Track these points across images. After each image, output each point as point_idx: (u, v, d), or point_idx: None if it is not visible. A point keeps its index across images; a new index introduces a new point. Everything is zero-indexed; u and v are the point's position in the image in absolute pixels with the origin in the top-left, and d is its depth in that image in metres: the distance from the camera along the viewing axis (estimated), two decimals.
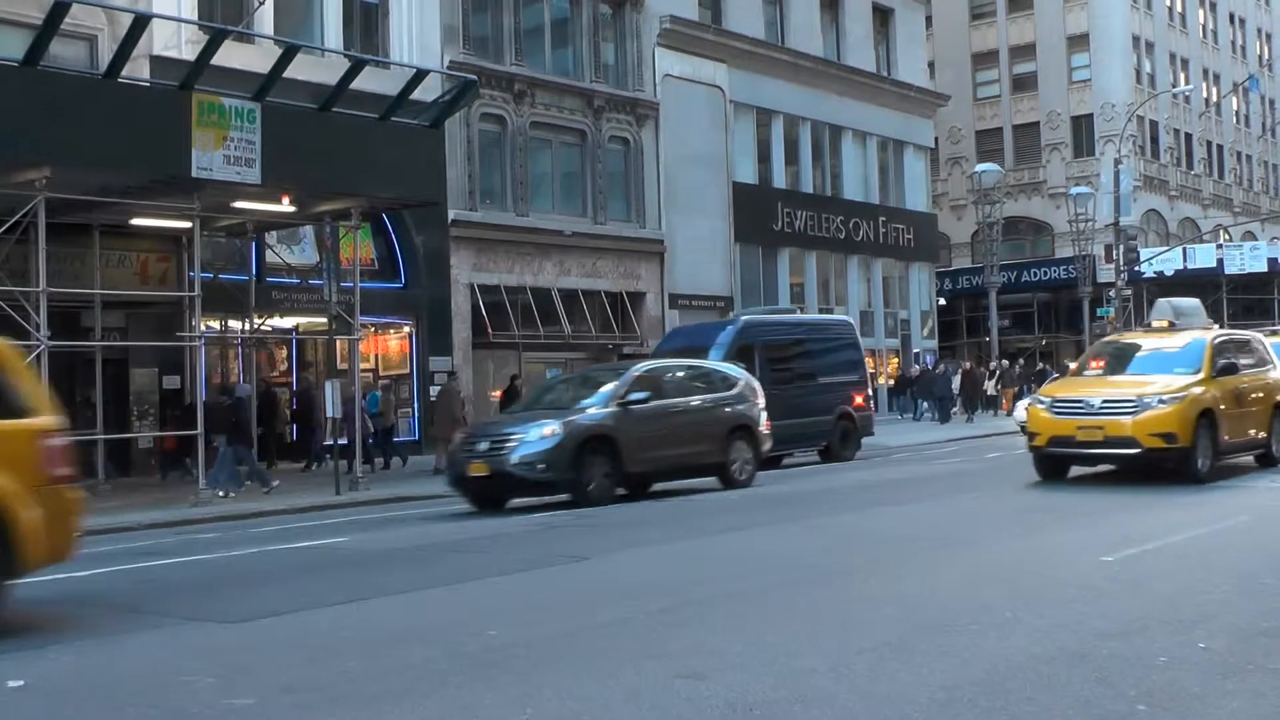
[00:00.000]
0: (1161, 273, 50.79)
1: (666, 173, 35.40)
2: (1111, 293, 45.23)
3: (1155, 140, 59.19)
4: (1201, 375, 15.94)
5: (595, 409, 16.96)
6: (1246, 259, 53.35)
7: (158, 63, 23.15)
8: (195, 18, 24.38)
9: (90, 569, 11.97)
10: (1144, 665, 6.15)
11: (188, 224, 21.08)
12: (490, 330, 30.41)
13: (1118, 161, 46.48)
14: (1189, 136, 61.91)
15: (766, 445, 19.35)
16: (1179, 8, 62.33)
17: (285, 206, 21.76)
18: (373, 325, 27.91)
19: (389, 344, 30.30)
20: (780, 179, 40.09)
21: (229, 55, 20.94)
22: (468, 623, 7.98)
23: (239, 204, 21.45)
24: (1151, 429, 15.21)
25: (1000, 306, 45.03)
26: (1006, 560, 9.98)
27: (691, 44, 36.47)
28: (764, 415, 19.27)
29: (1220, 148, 64.70)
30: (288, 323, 27.22)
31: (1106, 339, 22.30)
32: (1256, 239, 60.53)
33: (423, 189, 23.03)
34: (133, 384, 24.43)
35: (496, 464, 16.25)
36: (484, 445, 16.62)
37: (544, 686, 6.09)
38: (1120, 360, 17.64)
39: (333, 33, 27.69)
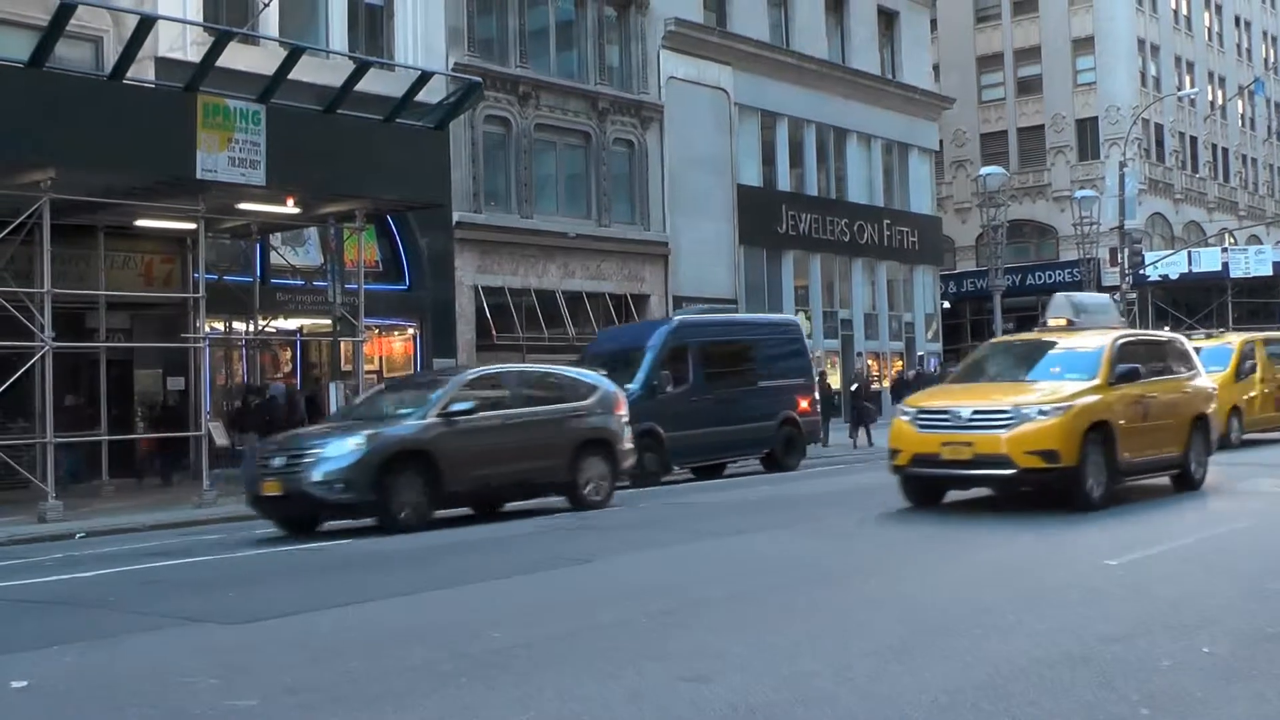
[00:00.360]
0: (1166, 276, 50.72)
1: (671, 175, 35.39)
2: (1116, 296, 45.12)
3: (1160, 143, 59.11)
4: (1096, 381, 13.64)
5: (413, 420, 14.98)
6: (1251, 262, 53.23)
7: (163, 64, 23.16)
8: (200, 19, 24.38)
9: (94, 569, 12.00)
10: (1147, 669, 6.13)
11: (192, 225, 21.09)
12: (494, 332, 30.40)
13: (1122, 165, 46.42)
14: (1194, 140, 61.84)
15: (628, 461, 17.38)
16: (1184, 10, 62.29)
17: (290, 208, 21.79)
18: (377, 327, 27.90)
19: (393, 346, 30.30)
20: (785, 181, 40.06)
21: (234, 57, 20.97)
22: (469, 624, 7.97)
23: (244, 206, 21.46)
24: (1029, 445, 12.78)
25: (1005, 310, 44.89)
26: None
27: (696, 46, 36.46)
28: (627, 428, 17.33)
29: (1225, 151, 64.62)
30: (292, 324, 27.22)
31: (996, 339, 20.14)
32: (1261, 242, 60.41)
33: (427, 191, 23.03)
34: (137, 385, 24.42)
35: (292, 482, 14.18)
36: (280, 460, 14.52)
37: (545, 687, 6.08)
38: (1006, 364, 15.46)
39: (338, 34, 27.69)
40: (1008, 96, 59.34)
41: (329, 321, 24.78)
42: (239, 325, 25.38)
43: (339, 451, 14.14)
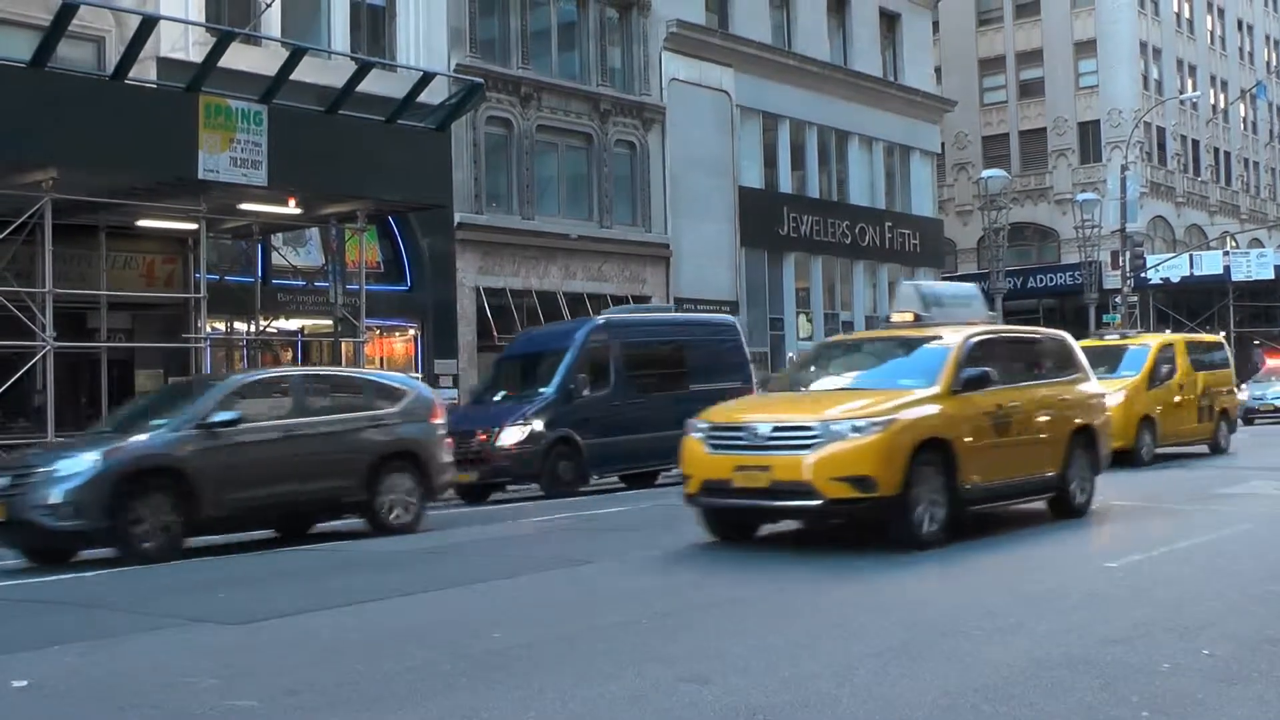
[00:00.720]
0: (1168, 279, 50.72)
1: (672, 177, 35.40)
2: (1118, 299, 45.19)
3: (1162, 147, 59.14)
4: (936, 390, 11.16)
5: (164, 431, 12.88)
6: (1253, 266, 53.24)
7: (165, 64, 23.17)
8: (203, 19, 24.40)
9: (94, 569, 12.00)
10: (1148, 672, 6.14)
11: (194, 226, 21.13)
12: (495, 333, 30.40)
13: (1124, 168, 46.44)
14: (1196, 143, 61.87)
15: (444, 477, 15.24)
16: (1187, 14, 62.32)
17: (291, 209, 21.82)
18: (378, 328, 27.92)
19: (394, 346, 30.31)
20: (786, 183, 40.07)
21: (236, 57, 21.00)
22: (471, 625, 7.98)
23: (245, 206, 21.49)
24: (837, 470, 10.30)
25: (1006, 312, 44.90)
26: None
27: (698, 48, 36.47)
28: (444, 438, 15.30)
29: (1227, 154, 64.64)
30: (293, 325, 27.22)
31: (831, 339, 18.19)
32: (1263, 246, 60.46)
33: (429, 192, 23.05)
34: (138, 386, 24.42)
35: (15, 507, 12.25)
36: (3, 480, 12.51)
37: (546, 689, 6.08)
38: (836, 367, 13.06)
39: (339, 35, 27.71)
40: (1009, 99, 59.37)
41: (330, 322, 24.80)
42: (240, 325, 25.39)
43: (71, 470, 12.18)
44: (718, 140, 37.06)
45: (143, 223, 22.13)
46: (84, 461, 12.26)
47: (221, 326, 25.15)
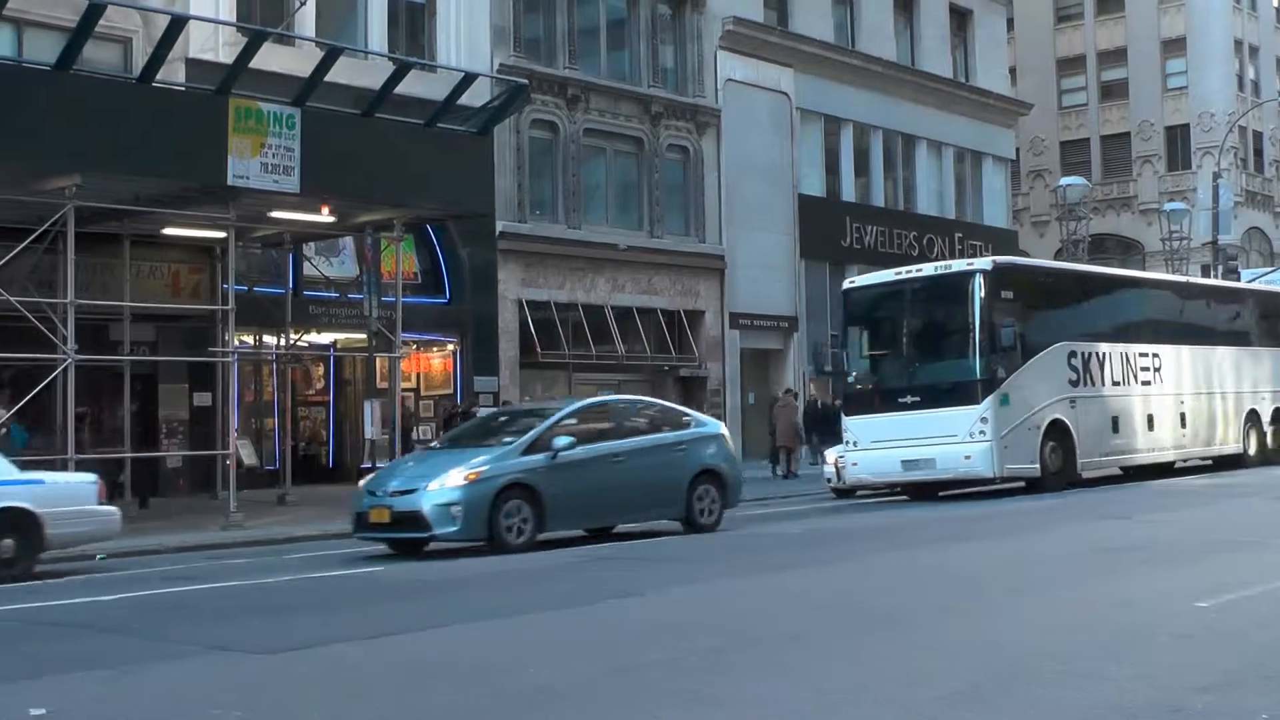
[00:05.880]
0: None
1: (728, 184, 35.39)
2: None
3: (1259, 152, 58.42)
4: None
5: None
6: None
7: (194, 66, 23.46)
8: (233, 19, 24.70)
9: (117, 593, 12.12)
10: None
11: (222, 234, 21.35)
12: (539, 349, 30.49)
13: (1217, 175, 45.94)
14: None
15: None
16: None
17: (325, 217, 22.00)
18: (415, 342, 28.08)
19: (432, 362, 30.47)
20: (849, 191, 39.95)
21: (268, 58, 21.22)
22: (507, 660, 7.97)
23: (276, 214, 21.69)
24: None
25: None
26: None
27: (756, 47, 36.48)
28: None
29: None
30: (325, 338, 27.46)
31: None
32: None
33: (470, 199, 23.19)
34: (162, 400, 24.70)
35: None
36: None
37: None
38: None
39: (377, 34, 27.96)
40: (1090, 102, 58.89)
41: (364, 336, 24.96)
42: (270, 339, 25.62)
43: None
44: (776, 145, 37.01)
45: (169, 231, 22.41)
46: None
47: (250, 340, 25.39)
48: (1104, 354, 23.21)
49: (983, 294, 21.18)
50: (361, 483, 16.74)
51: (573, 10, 32.15)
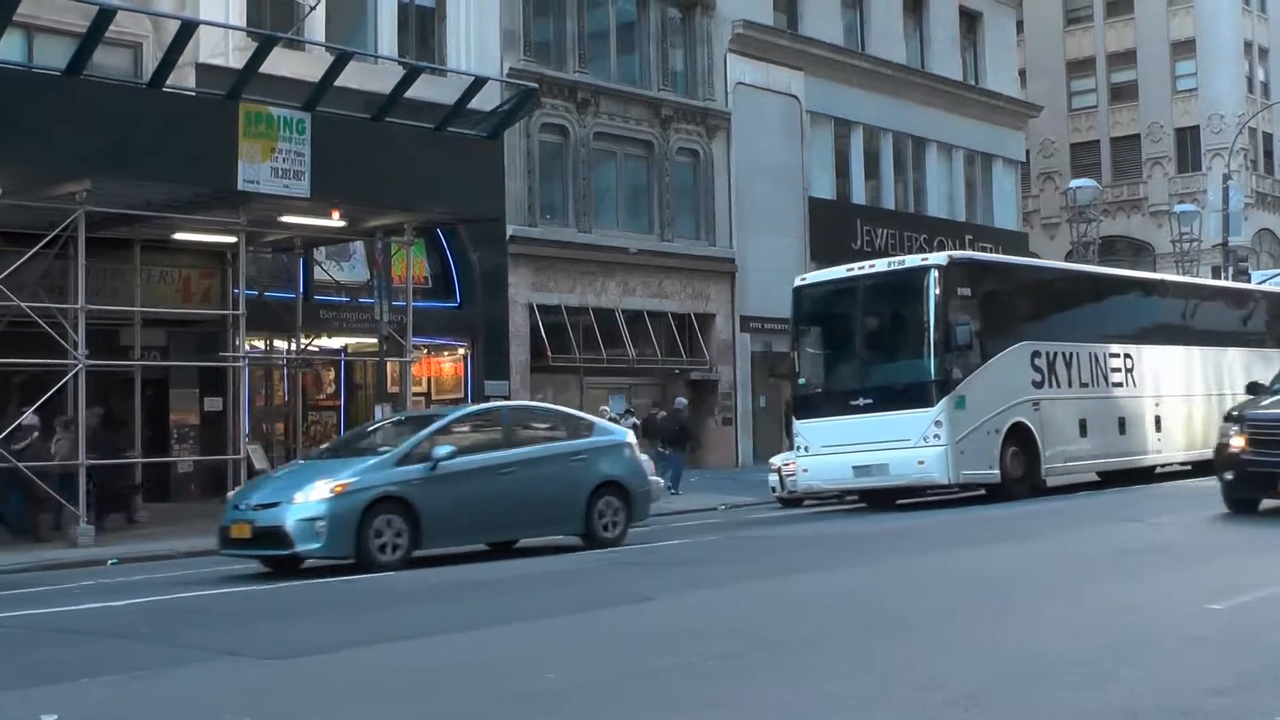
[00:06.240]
0: None
1: (738, 187, 35.37)
2: None
3: (1269, 154, 58.27)
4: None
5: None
6: None
7: (204, 71, 23.48)
8: (243, 24, 24.73)
9: (126, 598, 12.12)
10: None
11: (233, 239, 21.37)
12: (550, 353, 30.49)
13: (1227, 177, 45.83)
14: None
15: None
16: None
17: (335, 221, 22.01)
18: (426, 346, 28.08)
19: (443, 366, 30.46)
20: (860, 194, 39.92)
21: (278, 63, 21.23)
22: (523, 664, 7.94)
23: (287, 218, 21.72)
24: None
25: None
26: None
27: (765, 50, 36.46)
28: None
29: None
30: (336, 343, 27.46)
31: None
32: None
33: (480, 203, 23.21)
34: (173, 405, 24.72)
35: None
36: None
37: None
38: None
39: (386, 39, 27.98)
40: (1100, 104, 58.79)
41: (375, 340, 24.97)
42: (280, 344, 25.63)
43: None
44: (786, 148, 36.99)
45: (179, 236, 22.44)
46: None
47: (261, 345, 25.41)
48: (1071, 354, 22.12)
49: (938, 290, 20.17)
50: (230, 494, 16.06)
51: (582, 14, 32.16)
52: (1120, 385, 23.33)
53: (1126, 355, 23.57)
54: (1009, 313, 21.81)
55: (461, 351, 29.85)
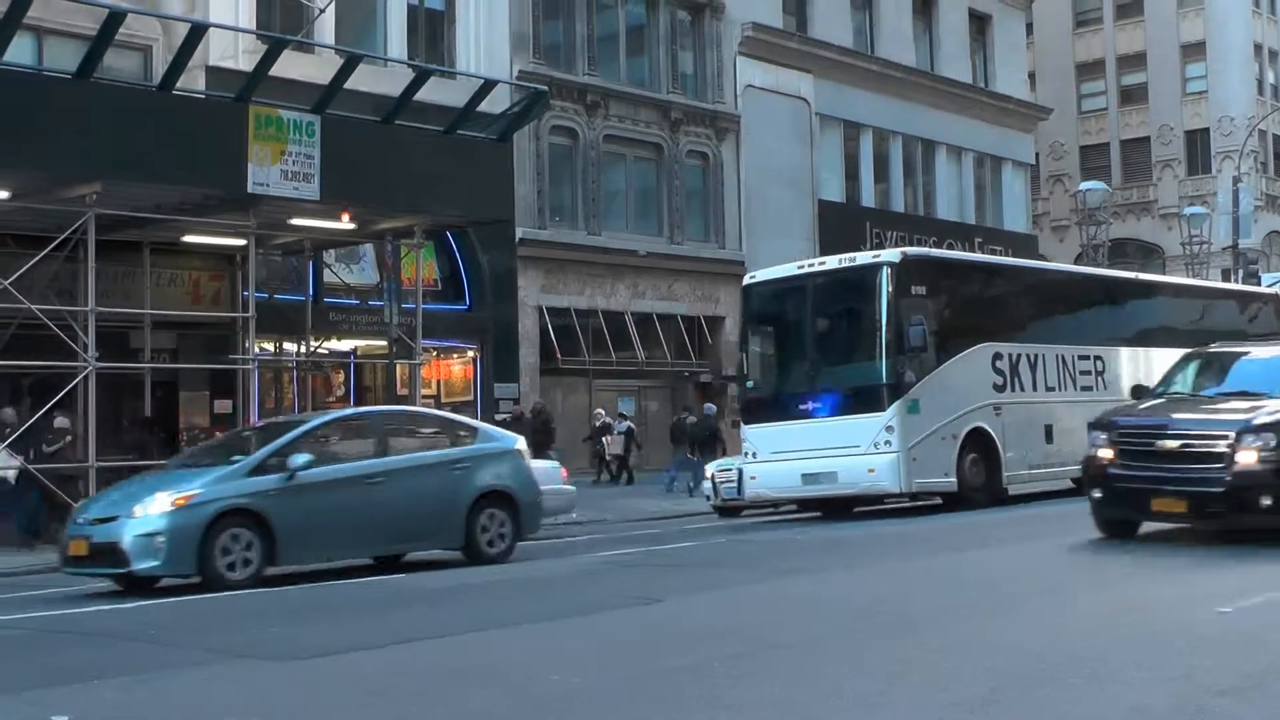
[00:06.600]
0: None
1: (747, 190, 35.37)
2: None
3: (1279, 156, 58.10)
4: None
5: None
6: None
7: (214, 74, 23.55)
8: (253, 27, 24.78)
9: (138, 600, 12.14)
10: None
11: (242, 242, 21.41)
12: (559, 355, 30.50)
13: (1236, 179, 45.71)
14: None
15: None
16: None
17: (345, 224, 22.04)
18: (435, 349, 28.11)
19: (452, 369, 30.49)
20: (869, 197, 39.90)
21: (287, 66, 21.28)
22: (530, 666, 7.94)
23: (296, 221, 21.76)
24: None
25: None
26: None
27: (775, 53, 36.46)
28: None
29: None
30: (345, 345, 27.50)
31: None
32: None
33: (490, 206, 23.23)
34: (183, 408, 24.76)
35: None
36: None
37: None
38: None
39: (396, 42, 28.03)
40: (1110, 106, 58.70)
41: (384, 343, 24.99)
42: (290, 346, 25.66)
43: None
44: (796, 151, 36.98)
45: (189, 238, 22.48)
46: None
47: (270, 347, 25.43)
48: (1036, 356, 21.03)
49: (890, 288, 19.08)
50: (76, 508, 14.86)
51: (592, 17, 32.19)
52: (1090, 389, 21.87)
53: (1098, 358, 22.41)
54: (968, 312, 20.79)
55: (471, 354, 29.87)
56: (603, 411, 30.83)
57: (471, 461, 15.01)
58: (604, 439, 30.63)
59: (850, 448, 18.89)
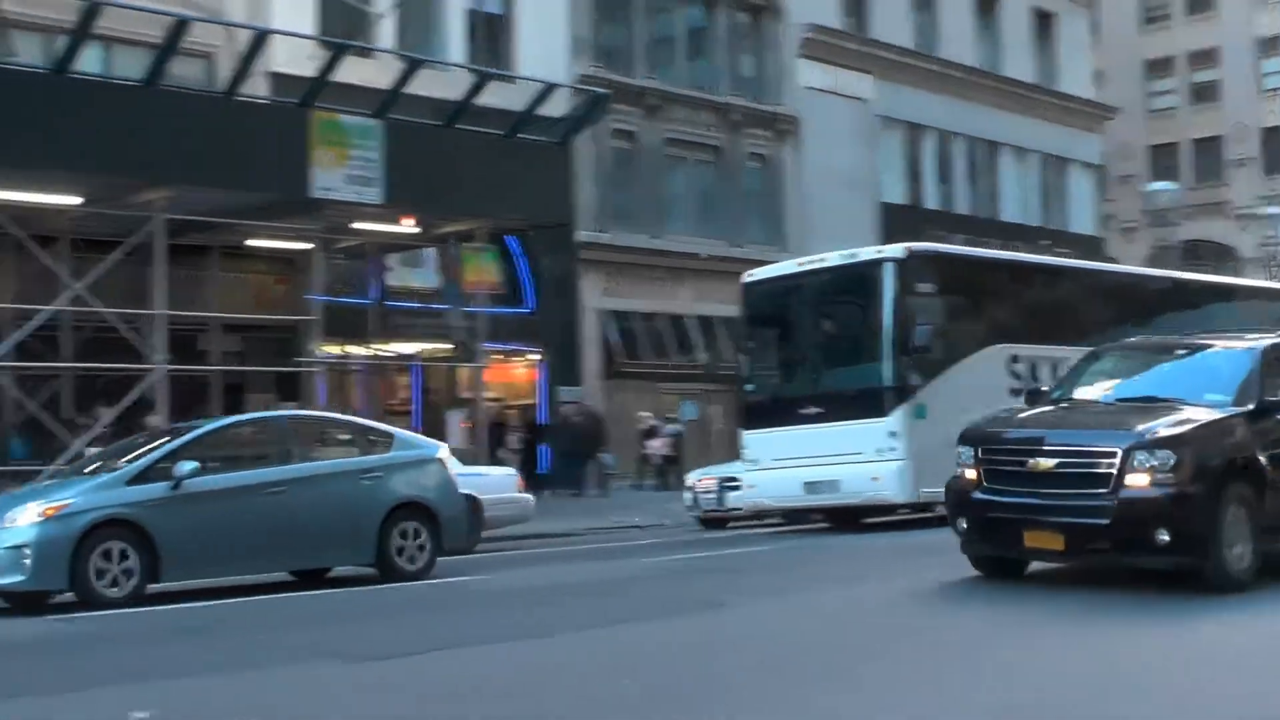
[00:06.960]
0: None
1: (808, 192, 35.27)
2: None
3: None
4: None
5: None
6: None
7: (277, 80, 23.82)
8: (315, 33, 25.07)
9: (209, 600, 12.24)
10: None
11: (307, 245, 21.67)
12: (622, 359, 30.56)
13: None
14: None
15: None
16: None
17: (407, 227, 22.25)
18: (498, 352, 28.25)
19: (514, 372, 30.62)
20: (932, 199, 39.67)
21: (349, 71, 21.53)
22: (601, 671, 7.87)
23: (359, 225, 22.00)
24: None
25: None
26: None
27: (835, 54, 36.37)
28: None
29: None
30: (409, 348, 27.71)
31: None
32: None
33: (551, 209, 23.37)
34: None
35: None
36: None
37: None
38: None
39: (456, 46, 28.23)
40: (1180, 105, 57.89)
41: (448, 346, 25.17)
42: (354, 349, 25.90)
43: None
44: (857, 152, 36.84)
45: (253, 242, 22.79)
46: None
47: (335, 350, 25.69)
48: (1059, 359, 18.35)
49: (895, 286, 17.99)
50: None
51: (651, 20, 32.29)
52: None
53: None
54: (981, 311, 19.64)
55: (534, 357, 29.96)
56: (650, 414, 30.74)
57: (384, 471, 13.80)
58: (649, 442, 30.40)
59: (853, 455, 17.85)
